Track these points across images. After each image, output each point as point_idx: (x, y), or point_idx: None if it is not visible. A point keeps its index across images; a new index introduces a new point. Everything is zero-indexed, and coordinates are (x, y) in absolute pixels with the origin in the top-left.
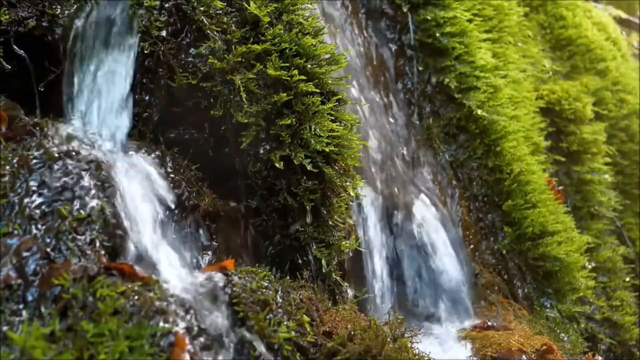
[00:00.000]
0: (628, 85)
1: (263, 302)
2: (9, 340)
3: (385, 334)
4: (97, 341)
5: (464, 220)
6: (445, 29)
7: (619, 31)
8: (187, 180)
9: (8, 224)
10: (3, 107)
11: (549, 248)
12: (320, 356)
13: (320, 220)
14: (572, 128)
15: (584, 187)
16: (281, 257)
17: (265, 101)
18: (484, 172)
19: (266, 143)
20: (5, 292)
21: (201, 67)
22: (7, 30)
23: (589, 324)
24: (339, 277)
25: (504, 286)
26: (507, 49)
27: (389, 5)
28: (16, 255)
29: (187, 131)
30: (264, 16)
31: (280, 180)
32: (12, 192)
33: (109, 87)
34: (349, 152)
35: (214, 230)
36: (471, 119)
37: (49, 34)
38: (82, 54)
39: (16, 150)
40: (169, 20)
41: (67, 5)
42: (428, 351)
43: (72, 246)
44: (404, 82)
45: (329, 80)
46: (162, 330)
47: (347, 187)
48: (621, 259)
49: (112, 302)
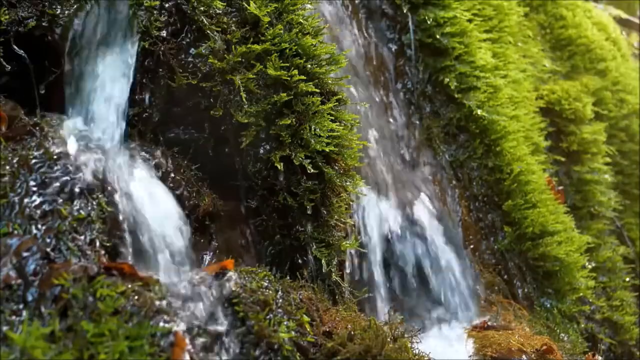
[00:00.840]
0: (628, 85)
1: (263, 302)
2: (9, 340)
3: (385, 334)
4: (97, 341)
5: (464, 220)
6: (445, 29)
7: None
8: (187, 180)
9: (8, 224)
10: (3, 107)
11: (549, 248)
12: (320, 356)
13: (320, 220)
14: (572, 128)
15: (584, 187)
16: (281, 257)
17: (265, 101)
18: (484, 172)
19: (266, 143)
20: (5, 292)
21: (201, 67)
22: (7, 30)
23: (589, 324)
24: (339, 277)
25: (504, 286)
26: (507, 49)
27: (389, 5)
28: (16, 255)
29: (187, 131)
30: (264, 16)
31: (280, 180)
32: (12, 192)
33: (109, 87)
34: (349, 152)
35: (214, 230)
36: (471, 119)
37: (49, 34)
38: (82, 54)
39: (16, 150)
40: (169, 20)
41: (67, 5)
42: (428, 351)
43: (72, 246)
44: (404, 82)
45: (329, 80)
46: (162, 330)
47: (347, 187)
48: (621, 259)
49: (112, 302)
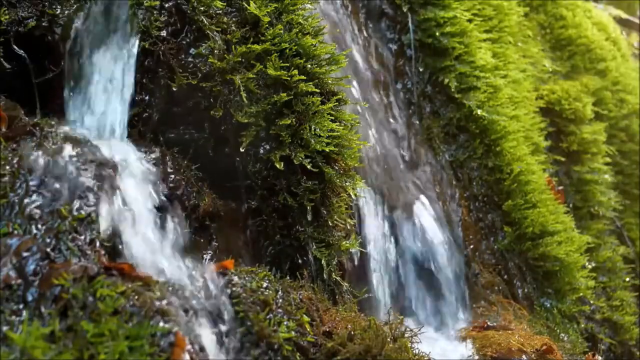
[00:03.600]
0: (628, 85)
1: (263, 302)
2: (9, 340)
3: (385, 334)
4: (97, 341)
5: (464, 220)
6: (445, 29)
7: (619, 31)
8: (187, 180)
9: (8, 224)
10: (3, 107)
11: (549, 248)
12: (320, 356)
13: (320, 220)
14: (572, 128)
15: (584, 187)
16: (281, 257)
17: (265, 101)
18: (484, 172)
19: (266, 143)
20: (5, 292)
21: (201, 67)
22: (7, 30)
23: (589, 324)
24: (339, 277)
25: (504, 286)
26: (507, 49)
27: (389, 5)
28: (16, 255)
29: (187, 131)
30: (264, 16)
31: (280, 180)
32: (12, 192)
33: (108, 87)
34: (349, 152)
35: (214, 230)
36: (471, 119)
37: (49, 34)
38: (82, 54)
39: (16, 150)
40: (169, 20)
41: (67, 5)
42: (428, 351)
43: (72, 246)
44: (404, 82)
45: (329, 80)
46: (162, 330)
47: (347, 187)
48: (621, 259)
49: (112, 302)
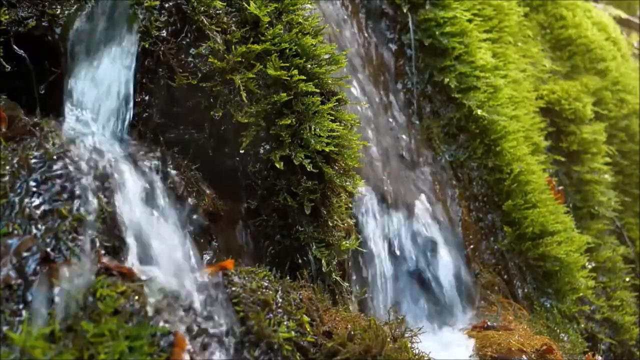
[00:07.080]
0: (628, 85)
1: (263, 302)
2: (9, 340)
3: (385, 333)
4: (97, 341)
5: (464, 220)
6: (445, 29)
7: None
8: (187, 180)
9: (8, 224)
10: (3, 107)
11: (549, 248)
12: (320, 356)
13: (320, 220)
14: (572, 128)
15: (584, 187)
16: (281, 257)
17: (265, 101)
18: (484, 172)
19: (266, 143)
20: (5, 292)
21: (201, 67)
22: (7, 30)
23: (589, 324)
24: (339, 277)
25: (504, 286)
26: (507, 49)
27: (389, 5)
28: (16, 255)
29: (187, 131)
30: (264, 16)
31: (280, 180)
32: (12, 192)
33: (108, 87)
34: (348, 152)
35: (214, 230)
36: (471, 119)
37: (49, 34)
38: (82, 54)
39: (16, 150)
40: (169, 20)
41: (67, 5)
42: (428, 351)
43: (72, 246)
44: (404, 82)
45: (329, 80)
46: (162, 330)
47: (347, 187)
48: (621, 259)
49: (112, 302)
